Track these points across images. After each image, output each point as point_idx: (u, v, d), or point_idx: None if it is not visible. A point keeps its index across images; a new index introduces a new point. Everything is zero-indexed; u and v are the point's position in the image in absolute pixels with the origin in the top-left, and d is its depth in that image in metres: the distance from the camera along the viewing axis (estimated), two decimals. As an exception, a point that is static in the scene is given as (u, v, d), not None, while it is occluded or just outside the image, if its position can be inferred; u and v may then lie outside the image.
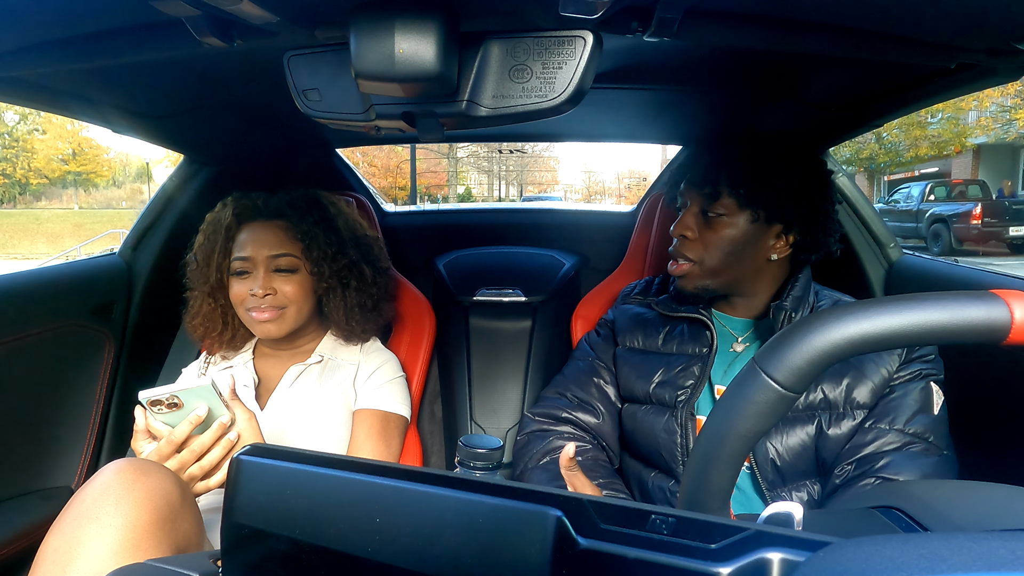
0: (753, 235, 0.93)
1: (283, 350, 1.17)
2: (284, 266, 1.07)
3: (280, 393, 1.11)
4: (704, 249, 0.95)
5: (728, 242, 0.94)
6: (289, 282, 1.07)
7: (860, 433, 0.86)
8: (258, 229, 1.08)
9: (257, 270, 1.06)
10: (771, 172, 0.92)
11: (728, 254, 0.94)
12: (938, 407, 0.86)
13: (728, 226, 0.94)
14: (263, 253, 1.06)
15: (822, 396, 0.88)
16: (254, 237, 1.07)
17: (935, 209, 11.32)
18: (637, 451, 1.02)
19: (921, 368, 0.87)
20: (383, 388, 1.14)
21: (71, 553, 0.65)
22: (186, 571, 0.39)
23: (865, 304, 0.37)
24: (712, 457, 0.39)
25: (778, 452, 0.88)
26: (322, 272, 1.09)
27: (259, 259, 1.06)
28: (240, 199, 1.11)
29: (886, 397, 0.87)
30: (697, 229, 0.96)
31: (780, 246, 0.95)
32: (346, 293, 1.12)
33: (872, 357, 0.88)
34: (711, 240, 0.95)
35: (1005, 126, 15.64)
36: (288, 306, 1.07)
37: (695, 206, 0.97)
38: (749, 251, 0.94)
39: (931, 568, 0.20)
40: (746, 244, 0.94)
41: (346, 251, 1.13)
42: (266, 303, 1.05)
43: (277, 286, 1.06)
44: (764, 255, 0.95)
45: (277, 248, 1.07)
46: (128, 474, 0.71)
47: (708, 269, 0.96)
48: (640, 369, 1.03)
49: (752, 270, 0.96)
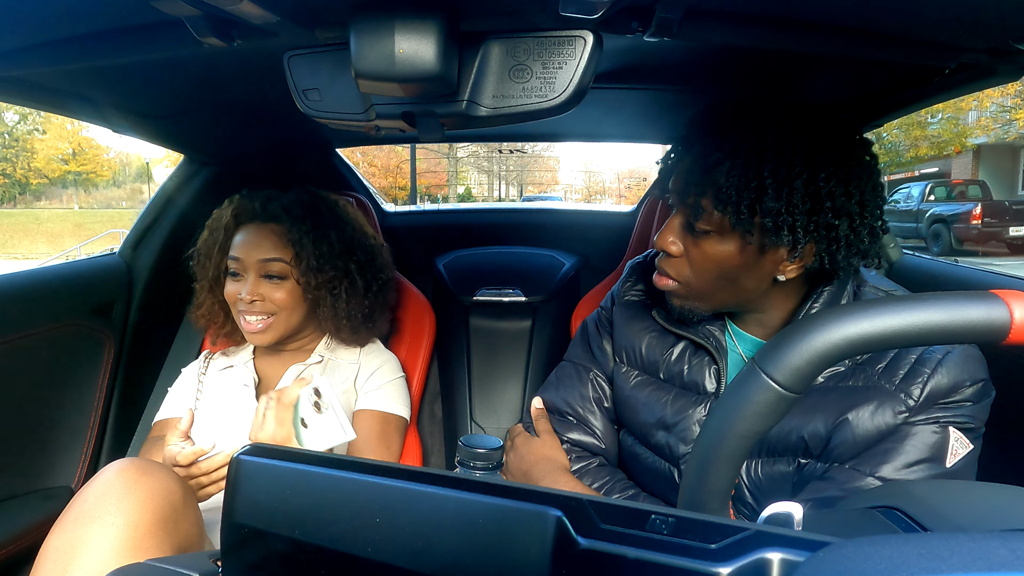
0: (749, 257, 0.74)
1: (283, 350, 1.16)
2: (274, 272, 1.05)
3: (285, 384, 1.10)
4: (689, 268, 0.78)
5: (716, 264, 0.75)
6: (279, 288, 1.05)
7: (832, 470, 0.72)
8: (252, 232, 1.07)
9: (248, 273, 1.05)
10: (772, 183, 0.68)
11: (718, 277, 0.76)
12: (954, 459, 0.68)
13: (717, 245, 0.74)
14: (253, 257, 1.05)
15: (804, 444, 0.74)
16: (247, 240, 1.06)
17: (935, 209, 11.32)
18: (638, 483, 0.92)
19: (942, 415, 0.69)
20: (383, 389, 1.14)
21: (73, 552, 0.66)
22: (186, 571, 0.39)
23: (865, 304, 0.37)
24: (712, 457, 0.39)
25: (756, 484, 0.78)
26: (309, 281, 1.06)
27: (249, 262, 1.05)
28: (242, 199, 1.11)
29: (879, 445, 0.70)
30: (682, 243, 0.78)
31: (789, 268, 0.74)
32: (336, 304, 1.10)
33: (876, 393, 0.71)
34: (697, 260, 0.76)
35: (1005, 126, 15.64)
36: (277, 312, 1.06)
37: (680, 216, 0.78)
38: (746, 274, 0.75)
39: (931, 568, 0.20)
40: (741, 267, 0.75)
41: (337, 261, 1.10)
42: (255, 308, 1.04)
43: (265, 292, 1.05)
44: (767, 277, 0.75)
45: (268, 252, 1.05)
46: (130, 474, 0.72)
47: (695, 292, 0.79)
48: (640, 406, 0.88)
49: (755, 292, 0.78)
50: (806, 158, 0.68)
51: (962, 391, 0.69)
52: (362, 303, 1.13)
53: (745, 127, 0.72)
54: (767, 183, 0.68)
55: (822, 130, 0.71)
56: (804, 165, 0.68)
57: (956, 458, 0.68)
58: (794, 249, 0.71)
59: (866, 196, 0.70)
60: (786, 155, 0.69)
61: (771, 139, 0.70)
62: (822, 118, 0.73)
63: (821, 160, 0.68)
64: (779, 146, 0.69)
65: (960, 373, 0.69)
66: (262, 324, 1.05)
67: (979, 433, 0.71)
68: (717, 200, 0.71)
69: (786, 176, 0.68)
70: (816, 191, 0.68)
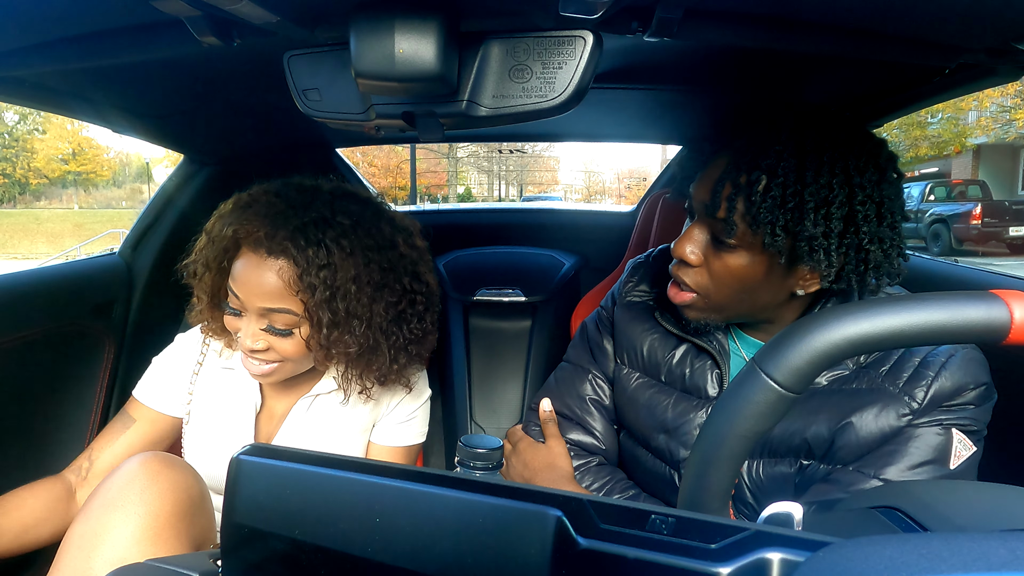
0: (775, 274, 0.73)
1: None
2: (279, 324, 0.84)
3: (293, 422, 0.96)
4: (709, 280, 0.76)
5: (739, 279, 0.74)
6: (285, 340, 0.85)
7: (835, 472, 0.72)
8: (255, 267, 0.82)
9: (249, 315, 0.85)
10: (812, 206, 0.67)
11: (739, 291, 0.75)
12: (958, 461, 0.68)
13: (743, 260, 0.72)
14: (255, 303, 0.83)
15: (807, 446, 0.75)
16: (248, 277, 0.82)
17: (935, 209, 11.32)
18: (638, 485, 0.91)
19: (945, 417, 0.69)
20: (407, 425, 1.01)
21: (96, 540, 0.67)
22: (186, 571, 0.39)
23: (865, 304, 0.37)
24: (712, 458, 0.39)
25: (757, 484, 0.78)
26: (320, 343, 0.84)
27: (250, 306, 0.83)
28: (241, 216, 0.84)
29: (883, 447, 0.71)
30: (702, 253, 0.75)
31: (808, 283, 0.73)
32: (355, 363, 0.89)
33: (880, 396, 0.71)
34: (718, 272, 0.74)
35: (1005, 126, 15.64)
36: (283, 361, 0.87)
37: (704, 226, 0.75)
38: (766, 287, 0.74)
39: (931, 568, 0.20)
40: (764, 282, 0.74)
41: (363, 314, 0.85)
42: (258, 355, 0.85)
43: (271, 341, 0.85)
44: (787, 291, 0.75)
45: (272, 301, 0.82)
46: (153, 465, 0.73)
47: (713, 304, 0.77)
48: (640, 408, 0.88)
49: (772, 304, 0.77)
50: (844, 177, 0.67)
51: (965, 394, 0.70)
52: (390, 366, 0.90)
53: (782, 140, 0.69)
54: (807, 207, 0.67)
55: (860, 146, 0.69)
56: (841, 185, 0.67)
57: (959, 460, 0.68)
58: (825, 271, 0.69)
59: (896, 217, 0.70)
60: (824, 175, 0.67)
61: (811, 156, 0.68)
62: (858, 131, 0.71)
63: (858, 181, 0.67)
64: (818, 166, 0.67)
65: (964, 376, 0.70)
66: (266, 369, 0.87)
67: (981, 435, 0.71)
68: (751, 218, 0.69)
69: (825, 199, 0.67)
70: (852, 214, 0.67)
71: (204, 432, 0.96)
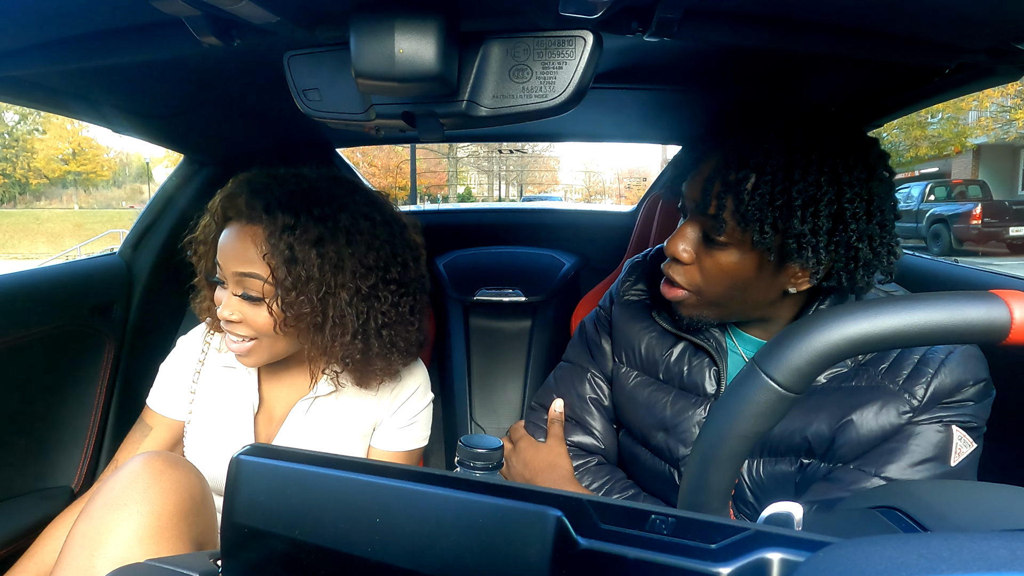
0: (765, 272, 0.73)
1: (287, 370, 0.98)
2: (250, 290, 0.83)
3: (292, 424, 0.95)
4: (701, 277, 0.76)
5: (730, 276, 0.74)
6: (258, 311, 0.83)
7: (836, 471, 0.72)
8: (234, 234, 0.84)
9: (228, 285, 0.85)
10: (800, 203, 0.67)
11: (730, 288, 0.75)
12: (959, 458, 0.68)
13: (733, 258, 0.73)
14: (229, 267, 0.84)
15: (807, 445, 0.75)
16: (227, 242, 0.84)
17: (935, 209, 11.32)
18: (638, 484, 0.91)
19: (945, 414, 0.70)
20: (408, 429, 1.00)
21: (99, 538, 0.67)
22: (186, 571, 0.39)
23: (865, 304, 0.37)
24: (712, 457, 0.39)
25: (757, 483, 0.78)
26: (284, 311, 0.82)
27: (227, 272, 0.84)
28: (233, 188, 0.87)
29: (883, 445, 0.71)
30: (694, 251, 0.76)
31: (799, 280, 0.73)
32: (326, 342, 0.86)
33: (880, 394, 0.72)
34: (709, 269, 0.75)
35: (1005, 126, 15.64)
36: (258, 337, 0.85)
37: (695, 224, 0.76)
38: (757, 285, 0.75)
39: (931, 568, 0.20)
40: (755, 279, 0.74)
41: (336, 287, 0.84)
42: (232, 327, 0.85)
43: (244, 311, 0.84)
44: (778, 288, 0.75)
45: (243, 264, 0.82)
46: (156, 464, 0.73)
47: (706, 301, 0.78)
48: (639, 406, 0.88)
49: (764, 302, 0.77)
50: (832, 175, 0.67)
51: (965, 390, 0.70)
52: (368, 342, 0.88)
53: (771, 139, 0.69)
54: (795, 204, 0.67)
55: (849, 144, 0.69)
56: (830, 183, 0.67)
57: (960, 457, 0.69)
58: (814, 268, 0.70)
59: (886, 215, 0.70)
60: (812, 172, 0.67)
61: (799, 155, 0.68)
62: (847, 129, 0.71)
63: (847, 179, 0.67)
64: (806, 164, 0.68)
65: (963, 373, 0.70)
66: (243, 346, 0.86)
67: (981, 432, 0.72)
68: (740, 216, 0.69)
69: (812, 197, 0.67)
70: (840, 212, 0.67)
71: (204, 432, 0.96)
